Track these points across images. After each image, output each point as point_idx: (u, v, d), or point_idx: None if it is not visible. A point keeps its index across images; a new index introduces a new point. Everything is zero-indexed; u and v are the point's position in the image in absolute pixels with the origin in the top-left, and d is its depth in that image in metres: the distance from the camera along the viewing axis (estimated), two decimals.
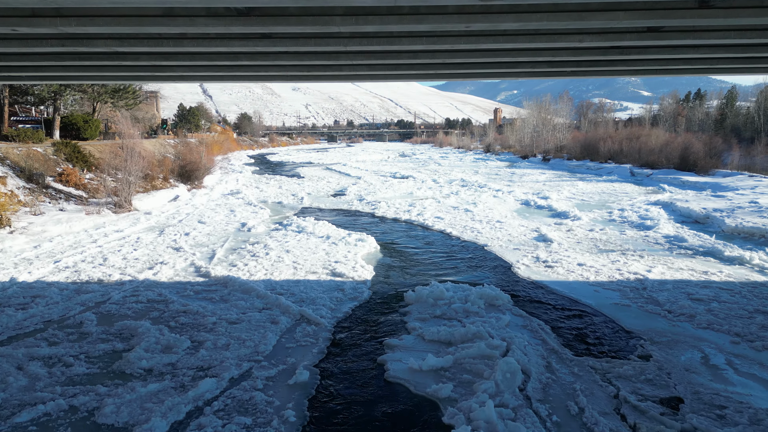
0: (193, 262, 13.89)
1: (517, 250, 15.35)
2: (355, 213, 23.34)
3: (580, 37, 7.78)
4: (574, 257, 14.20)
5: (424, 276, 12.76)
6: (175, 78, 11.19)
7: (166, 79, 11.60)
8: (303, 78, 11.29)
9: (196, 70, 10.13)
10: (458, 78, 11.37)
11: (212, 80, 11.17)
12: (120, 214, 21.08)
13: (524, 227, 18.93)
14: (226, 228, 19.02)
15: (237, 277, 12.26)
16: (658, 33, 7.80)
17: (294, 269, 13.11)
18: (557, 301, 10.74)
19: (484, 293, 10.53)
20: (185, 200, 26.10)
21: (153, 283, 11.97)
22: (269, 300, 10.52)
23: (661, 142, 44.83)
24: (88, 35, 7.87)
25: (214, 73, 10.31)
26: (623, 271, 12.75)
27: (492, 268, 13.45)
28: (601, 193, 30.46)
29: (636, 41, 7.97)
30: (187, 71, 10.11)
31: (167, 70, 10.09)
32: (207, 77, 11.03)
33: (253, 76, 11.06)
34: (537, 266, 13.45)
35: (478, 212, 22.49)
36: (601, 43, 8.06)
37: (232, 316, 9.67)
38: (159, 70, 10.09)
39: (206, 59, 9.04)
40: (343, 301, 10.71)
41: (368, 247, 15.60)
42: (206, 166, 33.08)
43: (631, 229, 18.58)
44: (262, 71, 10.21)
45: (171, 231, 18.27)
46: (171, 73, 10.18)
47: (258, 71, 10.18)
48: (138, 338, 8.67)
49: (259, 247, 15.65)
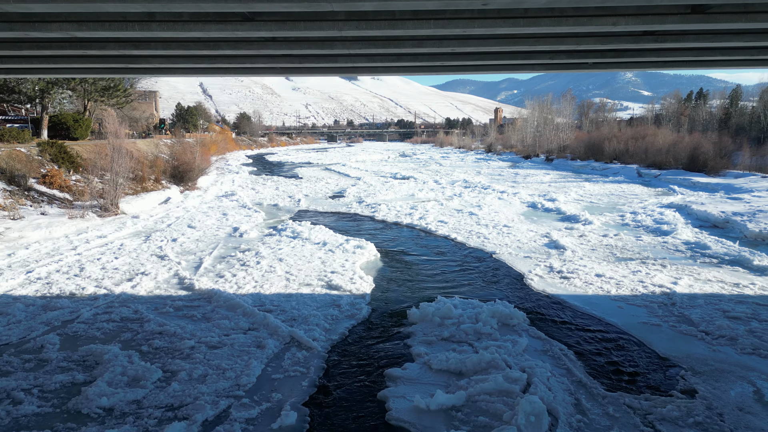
0: (177, 272, 12.77)
1: (527, 258, 14.24)
2: (354, 216, 22.22)
3: (614, 20, 6.66)
4: (591, 267, 13.07)
5: (428, 289, 11.65)
6: (147, 71, 10.09)
7: (136, 72, 10.46)
8: (294, 71, 10.19)
9: (171, 62, 9.02)
10: (468, 71, 10.27)
11: (190, 74, 10.09)
12: (106, 218, 19.96)
13: (533, 232, 17.81)
14: (217, 233, 17.90)
15: (223, 290, 11.15)
16: (704, 15, 6.68)
17: (286, 281, 11.99)
18: (578, 320, 9.62)
19: (497, 311, 9.41)
20: (177, 203, 24.98)
21: (130, 297, 10.85)
22: (256, 318, 9.40)
23: (668, 142, 43.70)
24: (39, 16, 6.74)
25: (192, 65, 9.19)
26: (647, 284, 11.63)
27: (502, 280, 12.33)
28: (609, 194, 29.34)
29: (677, 24, 6.85)
30: (160, 63, 8.99)
31: (138, 61, 8.96)
32: (184, 70, 9.93)
33: (238, 69, 9.97)
34: (551, 277, 12.33)
35: (483, 215, 21.38)
36: (636, 27, 6.94)
37: (213, 338, 8.55)
38: (129, 61, 8.95)
39: (181, 47, 7.93)
40: (339, 319, 9.60)
41: (367, 255, 14.49)
42: (200, 167, 31.96)
43: (648, 234, 17.46)
44: (247, 62, 9.10)
45: (158, 237, 17.15)
46: (143, 65, 9.05)
47: (242, 62, 9.06)
48: (103, 367, 7.56)
49: (250, 254, 14.54)
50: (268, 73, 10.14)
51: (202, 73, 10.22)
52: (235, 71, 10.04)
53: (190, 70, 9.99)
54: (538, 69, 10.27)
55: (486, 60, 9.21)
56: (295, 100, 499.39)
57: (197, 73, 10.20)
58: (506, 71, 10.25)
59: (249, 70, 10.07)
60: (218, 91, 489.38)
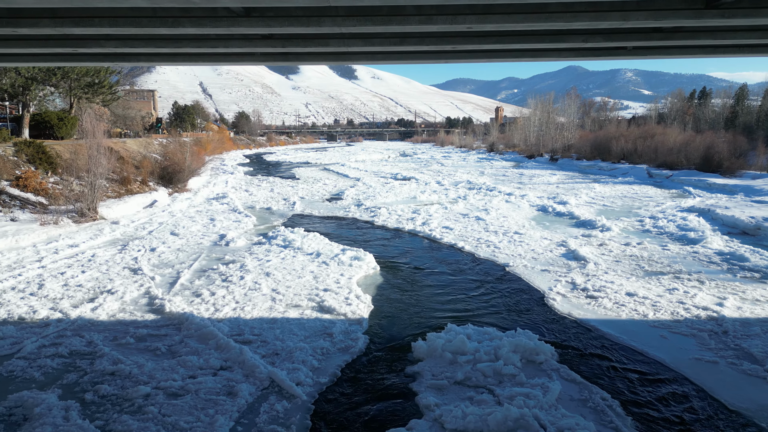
0: (149, 290, 11.20)
1: (546, 272, 12.67)
2: (352, 221, 20.65)
3: None
4: (619, 283, 11.51)
5: (434, 311, 10.08)
6: (89, 57, 8.51)
7: (79, 58, 8.85)
8: (275, 57, 8.62)
9: (124, 44, 7.45)
10: (485, 58, 8.69)
11: (149, 60, 8.54)
12: (82, 224, 18.39)
13: (548, 240, 16.24)
14: (201, 241, 16.33)
15: (197, 314, 9.58)
16: None
17: (272, 301, 10.42)
18: (616, 354, 8.05)
19: (520, 344, 7.84)
20: (163, 206, 23.40)
21: (87, 323, 9.28)
22: (231, 353, 7.83)
23: (679, 142, 42.09)
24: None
25: (151, 50, 7.61)
26: (687, 305, 10.06)
27: (520, 300, 10.76)
28: (622, 197, 27.75)
29: None
30: (105, 45, 7.42)
31: (79, 44, 7.40)
32: (141, 56, 8.38)
33: (208, 56, 8.44)
34: (576, 296, 10.77)
35: (491, 221, 19.81)
36: None
37: (175, 383, 6.98)
38: (69, 43, 7.38)
39: (131, 24, 6.36)
40: (330, 354, 8.03)
41: (365, 268, 12.92)
42: (191, 168, 30.37)
43: (674, 242, 15.90)
44: (219, 45, 7.54)
45: (135, 245, 15.59)
46: (86, 49, 7.49)
47: (212, 45, 7.50)
48: (30, 425, 6.00)
49: (234, 268, 12.97)
50: (246, 59, 8.60)
51: (164, 59, 8.66)
52: (204, 58, 8.49)
53: (146, 56, 8.44)
54: (566, 55, 8.70)
55: (507, 43, 7.62)
56: (295, 100, 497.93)
57: (157, 59, 8.64)
58: (530, 58, 8.67)
59: (220, 57, 8.53)
60: (218, 90, 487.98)
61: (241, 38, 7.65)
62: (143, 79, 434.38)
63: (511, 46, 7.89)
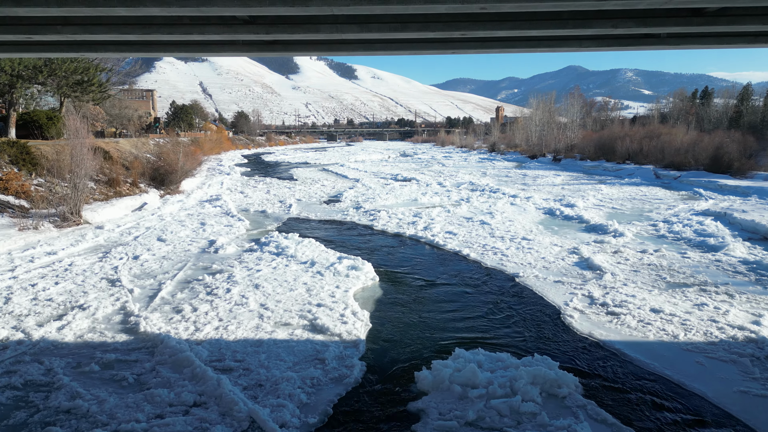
0: (125, 305, 10.19)
1: (559, 283, 11.65)
2: (350, 225, 19.64)
3: None
4: (642, 297, 10.49)
5: (439, 331, 9.06)
6: (48, 47, 7.50)
7: (38, 48, 7.81)
8: (259, 46, 7.60)
9: (84, 30, 6.44)
10: (497, 47, 7.68)
11: (117, 50, 7.53)
12: (64, 230, 17.38)
13: (558, 247, 15.24)
14: (189, 248, 15.32)
15: (174, 335, 8.57)
16: None
17: (259, 319, 9.41)
18: (649, 386, 7.03)
19: (539, 375, 6.83)
20: (152, 209, 22.38)
21: (50, 345, 8.27)
22: (208, 386, 6.81)
23: (686, 142, 41.07)
24: None
25: (115, 37, 6.58)
26: (721, 324, 9.04)
27: (534, 317, 9.74)
28: (631, 199, 26.73)
29: None
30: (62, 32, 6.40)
31: (32, 30, 6.38)
32: (105, 45, 7.36)
33: (182, 44, 7.42)
34: (595, 312, 9.75)
35: (496, 225, 18.79)
36: None
37: (139, 424, 5.97)
38: (20, 29, 6.36)
39: (82, 3, 5.34)
40: (321, 385, 7.01)
41: (363, 279, 11.91)
42: (185, 169, 29.35)
43: (692, 249, 14.89)
44: (194, 31, 6.51)
45: (118, 253, 14.59)
46: (42, 36, 6.46)
47: (185, 31, 6.47)
48: None
49: (221, 279, 11.97)
50: (227, 49, 7.59)
51: (132, 49, 7.64)
52: (176, 47, 7.47)
53: (118, 45, 7.44)
54: (588, 45, 7.66)
55: (525, 29, 6.59)
56: (295, 99, 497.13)
57: (126, 49, 7.63)
58: (549, 48, 7.65)
59: (196, 46, 7.51)
60: (218, 90, 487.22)
61: (219, 23, 6.63)
62: (143, 78, 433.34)
63: (528, 32, 6.86)
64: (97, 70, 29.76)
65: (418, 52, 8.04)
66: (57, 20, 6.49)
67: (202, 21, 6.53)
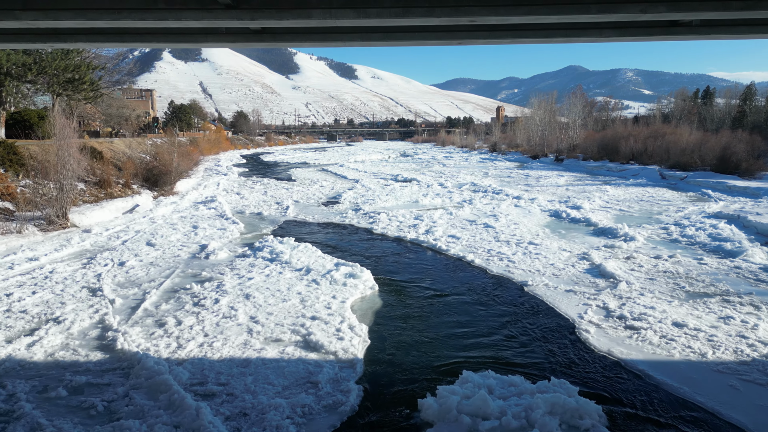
0: (104, 318, 9.44)
1: (571, 293, 10.90)
2: (349, 229, 18.88)
3: None
4: (662, 309, 9.74)
5: (444, 349, 8.31)
6: (7, 36, 6.77)
7: None
8: (246, 35, 6.84)
9: (46, 16, 5.70)
10: (504, 38, 6.93)
11: (88, 41, 6.79)
12: (49, 233, 16.63)
13: (567, 252, 14.49)
14: (179, 254, 14.57)
15: (154, 353, 7.82)
16: None
17: (248, 334, 8.66)
18: (680, 415, 6.28)
19: (557, 403, 6.08)
20: (144, 211, 21.63)
21: (17, 365, 7.52)
22: (185, 416, 6.06)
23: (692, 141, 40.29)
24: None
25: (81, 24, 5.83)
26: (751, 340, 8.29)
27: (546, 332, 8.99)
28: (638, 200, 25.96)
29: None
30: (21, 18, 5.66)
31: None
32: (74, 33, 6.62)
33: (158, 33, 6.68)
34: (613, 327, 9.00)
35: (501, 228, 18.04)
36: None
37: None
38: None
39: None
40: (314, 414, 6.26)
41: (362, 288, 11.17)
42: (179, 169, 28.59)
43: (709, 255, 14.13)
44: (169, 17, 5.75)
45: (103, 258, 13.84)
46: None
47: (160, 17, 5.71)
48: None
49: (209, 287, 11.22)
50: (210, 40, 6.84)
51: (103, 39, 6.90)
52: (152, 36, 6.72)
53: (88, 34, 6.70)
54: (609, 34, 6.89)
55: (542, 14, 5.82)
56: (295, 99, 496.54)
57: (99, 39, 6.89)
58: (564, 38, 6.88)
59: (174, 34, 6.75)
60: (218, 90, 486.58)
61: (197, 8, 5.88)
62: (143, 78, 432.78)
63: (544, 18, 6.11)
64: (89, 68, 29.01)
65: (420, 43, 7.30)
66: (15, 4, 5.75)
67: (179, 4, 5.78)
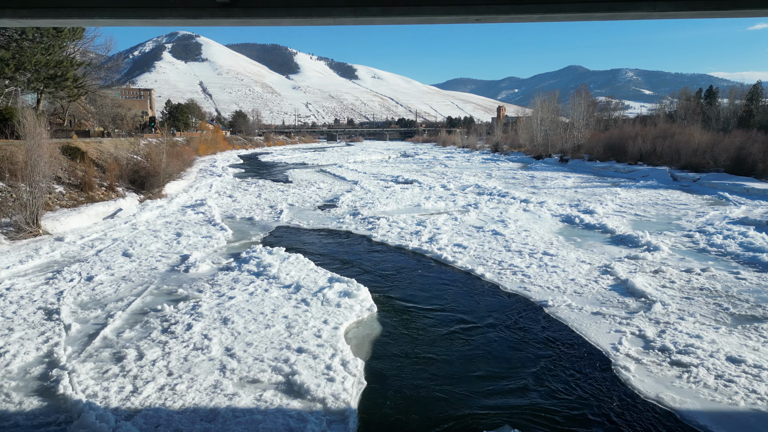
0: (53, 350, 8.00)
1: (599, 315, 9.46)
2: (346, 236, 17.43)
3: None
4: (709, 338, 8.29)
5: (455, 396, 6.85)
6: None
7: None
8: (212, 11, 5.42)
9: None
10: (529, 12, 5.49)
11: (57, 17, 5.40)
12: (18, 242, 15.19)
13: (587, 264, 13.04)
14: (156, 266, 13.12)
15: (99, 404, 6.37)
16: None
17: (220, 373, 7.21)
18: None
19: None
20: (126, 216, 20.17)
21: None
22: None
23: (704, 142, 38.83)
24: None
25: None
26: None
27: (576, 371, 7.53)
28: (653, 204, 24.51)
29: None
30: None
31: None
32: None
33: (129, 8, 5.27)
34: (656, 362, 7.54)
35: (511, 236, 16.59)
36: None
37: None
38: None
39: None
40: None
41: (358, 310, 9.73)
42: (168, 171, 27.14)
43: (745, 268, 12.69)
44: None
45: (70, 273, 12.40)
46: None
47: None
48: None
49: (184, 309, 9.77)
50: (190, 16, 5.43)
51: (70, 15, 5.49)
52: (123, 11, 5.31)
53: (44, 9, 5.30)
54: (664, 7, 5.46)
55: None
56: (295, 99, 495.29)
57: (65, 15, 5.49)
58: (607, 12, 5.46)
59: (125, 9, 5.33)
60: (218, 89, 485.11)
61: None
62: (142, 78, 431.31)
63: None
64: (72, 64, 27.51)
65: (429, 19, 5.86)
66: None
67: None
